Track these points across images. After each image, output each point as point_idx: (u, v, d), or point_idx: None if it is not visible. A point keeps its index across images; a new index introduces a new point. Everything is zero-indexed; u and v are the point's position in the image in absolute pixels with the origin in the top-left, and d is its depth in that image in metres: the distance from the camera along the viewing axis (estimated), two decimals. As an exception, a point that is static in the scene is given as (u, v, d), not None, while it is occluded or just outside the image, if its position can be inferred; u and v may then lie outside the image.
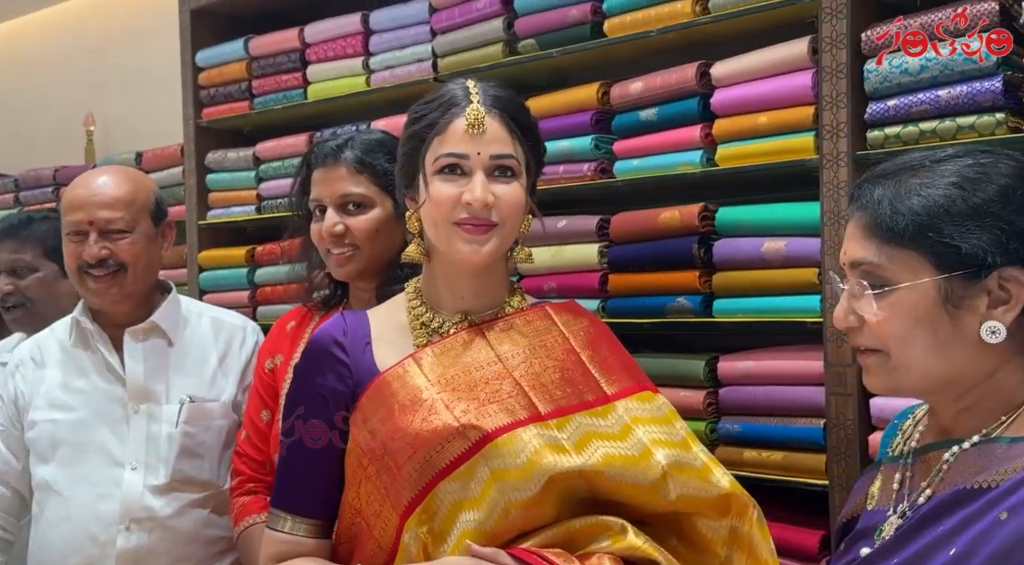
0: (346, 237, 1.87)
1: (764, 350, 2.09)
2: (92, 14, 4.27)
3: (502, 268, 1.56)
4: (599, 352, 1.52)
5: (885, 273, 1.16)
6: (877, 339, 1.18)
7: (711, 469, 1.43)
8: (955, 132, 1.79)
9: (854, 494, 1.36)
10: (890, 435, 1.37)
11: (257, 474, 1.98)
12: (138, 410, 2.07)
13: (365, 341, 1.55)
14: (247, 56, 2.98)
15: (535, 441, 1.38)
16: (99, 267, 2.02)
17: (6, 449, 2.11)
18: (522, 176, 1.49)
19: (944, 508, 1.13)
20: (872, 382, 1.23)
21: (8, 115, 4.72)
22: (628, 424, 1.43)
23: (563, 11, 2.31)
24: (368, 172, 1.88)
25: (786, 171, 2.03)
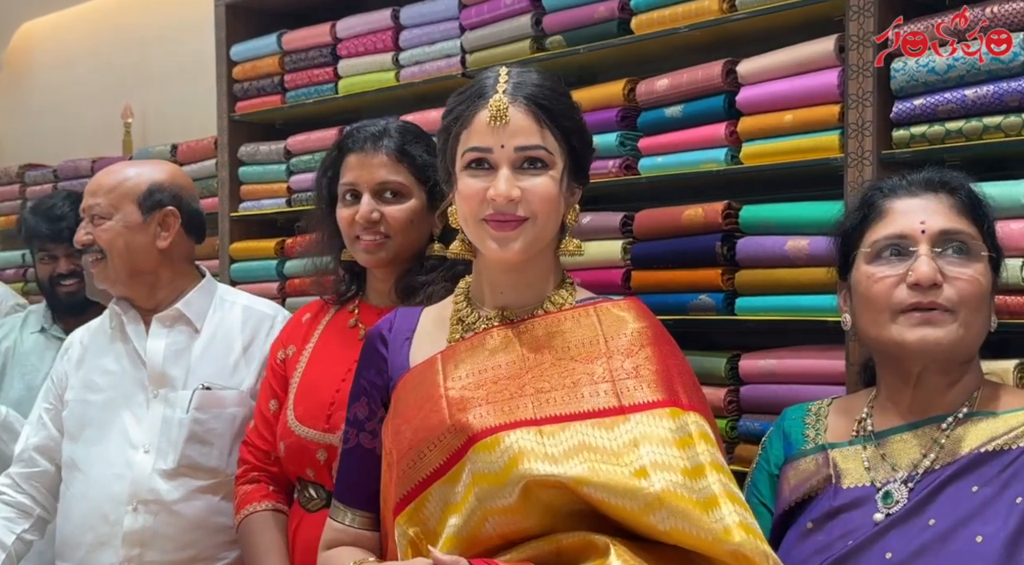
0: (380, 224, 1.87)
1: (786, 349, 2.08)
2: (130, 9, 4.31)
3: (546, 262, 1.50)
4: (636, 359, 1.40)
5: (975, 248, 1.38)
6: (958, 297, 1.34)
7: (718, 503, 1.26)
8: (981, 132, 1.78)
9: (790, 481, 1.48)
10: (797, 429, 1.53)
11: (262, 463, 1.99)
12: (157, 394, 2.11)
13: (406, 336, 1.57)
14: (280, 51, 3.00)
15: (517, 445, 1.31)
16: (88, 253, 2.12)
17: (54, 427, 2.19)
18: (555, 166, 1.43)
19: (967, 469, 1.33)
20: (941, 337, 1.34)
21: (48, 107, 4.77)
22: (634, 440, 1.31)
23: (591, 8, 2.31)
24: (408, 162, 1.89)
25: (811, 169, 2.02)
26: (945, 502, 1.31)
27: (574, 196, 1.49)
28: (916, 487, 1.35)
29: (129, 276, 2.13)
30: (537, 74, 1.47)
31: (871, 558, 1.31)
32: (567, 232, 1.50)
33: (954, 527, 1.28)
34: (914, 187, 1.44)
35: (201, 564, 2.08)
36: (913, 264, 1.36)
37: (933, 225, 1.38)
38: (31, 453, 2.17)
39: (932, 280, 1.33)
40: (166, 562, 2.05)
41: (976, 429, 1.36)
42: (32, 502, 2.15)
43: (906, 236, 1.39)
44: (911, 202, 1.42)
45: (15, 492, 2.15)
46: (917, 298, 1.34)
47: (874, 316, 1.40)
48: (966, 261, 1.37)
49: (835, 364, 1.94)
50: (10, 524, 2.10)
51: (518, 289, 1.49)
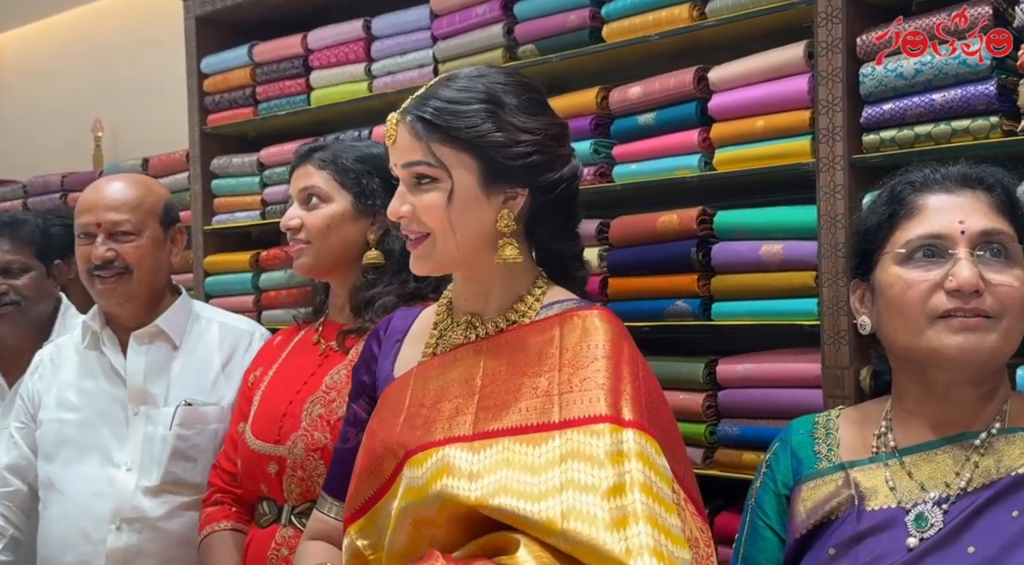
0: (301, 231, 1.91)
1: (762, 353, 2.09)
2: (100, 22, 4.29)
3: (495, 271, 1.44)
4: (586, 372, 1.32)
5: (1014, 248, 1.27)
6: (998, 304, 1.23)
7: (631, 523, 1.18)
8: (950, 135, 1.79)
9: (812, 505, 1.35)
10: (806, 446, 1.41)
11: (228, 486, 1.99)
12: (138, 412, 2.10)
13: (398, 338, 1.58)
14: (251, 62, 2.99)
15: (443, 462, 1.29)
16: (105, 269, 2.06)
17: (26, 446, 2.17)
18: (446, 180, 1.38)
19: (1006, 492, 1.22)
20: (983, 344, 1.23)
21: (17, 121, 4.74)
22: (559, 457, 1.24)
23: (562, 16, 2.32)
24: (330, 168, 1.93)
25: (783, 175, 2.03)
26: (984, 528, 1.21)
27: (513, 199, 1.40)
28: (951, 510, 1.24)
29: (148, 292, 2.13)
30: (454, 85, 1.42)
31: None
32: (505, 238, 1.40)
33: (997, 555, 1.18)
34: (949, 182, 1.31)
35: None
36: (953, 268, 1.24)
37: (973, 225, 1.26)
38: (2, 473, 2.15)
39: (975, 286, 1.22)
40: None
41: (1012, 447, 1.25)
42: (4, 522, 2.12)
43: (943, 237, 1.26)
44: (947, 199, 1.29)
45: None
46: (957, 304, 1.23)
47: (906, 322, 1.27)
48: (1007, 264, 1.25)
49: (811, 367, 1.95)
50: None
51: (477, 298, 1.47)
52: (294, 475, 1.85)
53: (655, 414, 1.32)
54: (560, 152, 1.44)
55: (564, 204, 1.47)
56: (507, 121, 1.38)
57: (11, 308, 2.29)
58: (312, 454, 1.83)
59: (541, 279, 1.48)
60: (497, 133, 1.38)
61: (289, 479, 1.85)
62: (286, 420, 1.88)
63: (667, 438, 1.31)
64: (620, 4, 2.23)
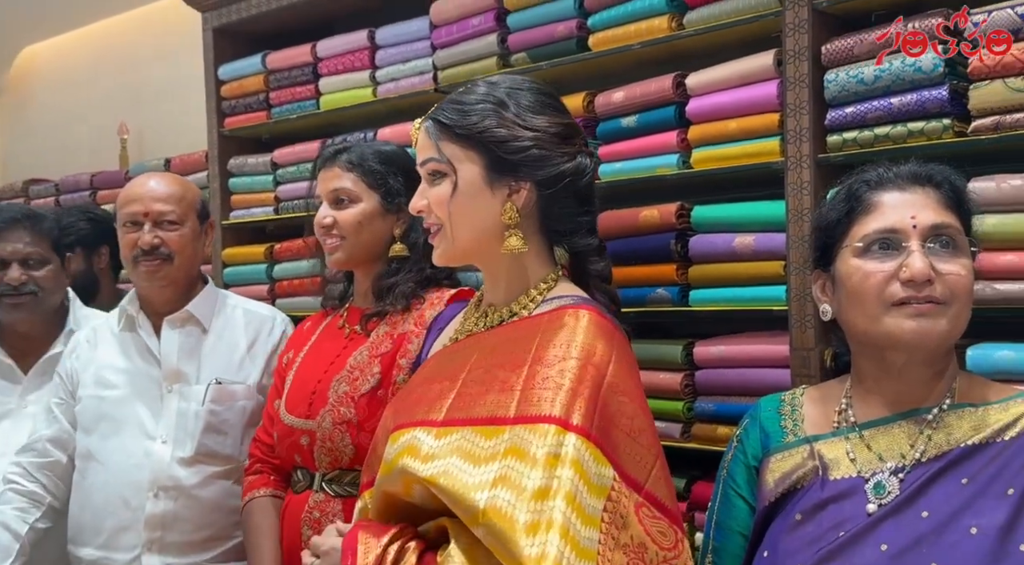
0: (334, 228, 1.92)
1: (736, 336, 2.10)
2: (125, 33, 4.28)
3: (505, 263, 1.44)
4: (552, 370, 1.27)
5: (961, 240, 1.29)
6: (949, 292, 1.26)
7: (546, 529, 1.13)
8: (906, 136, 1.79)
9: (780, 475, 1.37)
10: (774, 422, 1.43)
11: (266, 456, 2.02)
12: (171, 389, 2.11)
13: (442, 326, 1.61)
14: (264, 70, 2.98)
15: (411, 442, 1.29)
16: (150, 254, 2.07)
17: (65, 421, 2.17)
18: (452, 174, 1.39)
19: (956, 462, 1.25)
20: (935, 328, 1.26)
21: (49, 124, 4.73)
22: (505, 450, 1.21)
23: (551, 27, 2.31)
24: (357, 171, 1.93)
25: (754, 172, 2.03)
26: (937, 495, 1.24)
27: (517, 192, 1.39)
28: (907, 479, 1.27)
29: (185, 278, 2.15)
30: (467, 91, 1.44)
31: (866, 549, 1.23)
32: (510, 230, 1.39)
33: (948, 519, 1.21)
34: (901, 180, 1.33)
35: (217, 542, 2.09)
36: (907, 260, 1.26)
37: (924, 220, 1.28)
38: (44, 444, 2.14)
39: (926, 276, 1.24)
40: (185, 542, 2.05)
41: (961, 422, 1.28)
42: (43, 491, 2.12)
43: (897, 231, 1.29)
44: (900, 196, 1.31)
45: (27, 481, 2.11)
46: (911, 293, 1.25)
47: (865, 309, 1.29)
48: (955, 255, 1.28)
49: (780, 349, 1.95)
50: (23, 514, 2.07)
51: (494, 289, 1.48)
52: (323, 446, 1.87)
53: (610, 421, 1.25)
54: (563, 149, 1.42)
55: (573, 199, 1.44)
56: (510, 119, 1.39)
57: (29, 298, 2.27)
58: (339, 427, 1.85)
59: (553, 275, 1.46)
60: (499, 129, 1.38)
61: (319, 450, 1.88)
62: (315, 397, 1.91)
63: (621, 446, 1.25)
64: (605, 15, 2.22)
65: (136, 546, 2.04)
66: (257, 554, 1.92)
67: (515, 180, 1.39)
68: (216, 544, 2.09)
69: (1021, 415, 1.25)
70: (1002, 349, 1.66)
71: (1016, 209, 1.66)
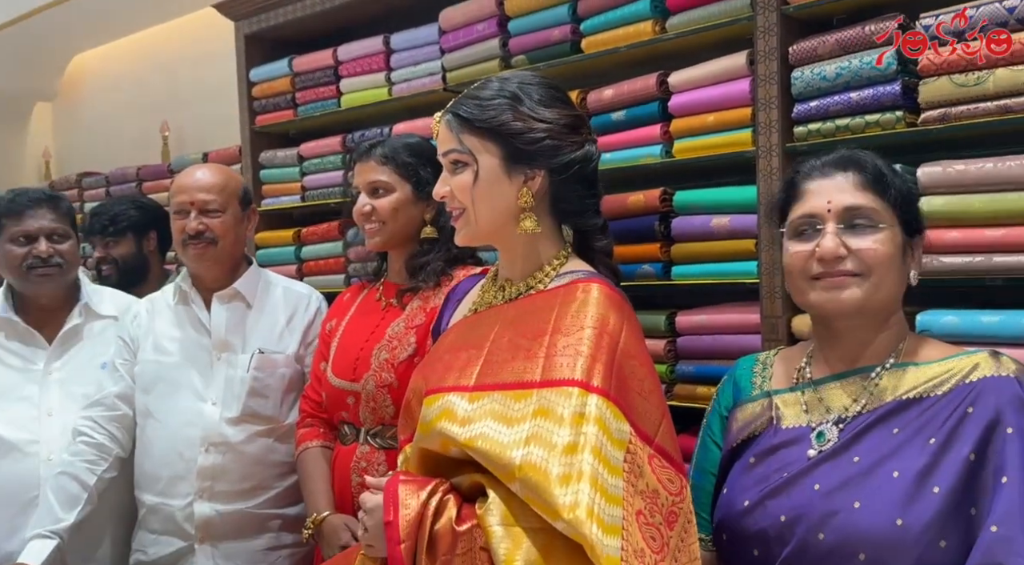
0: (373, 215, 1.95)
1: (713, 306, 2.12)
2: (166, 41, 4.28)
3: (522, 242, 1.42)
4: (571, 339, 1.27)
5: (878, 217, 1.29)
6: (864, 264, 1.28)
7: (577, 480, 1.14)
8: (864, 127, 1.81)
9: (738, 422, 1.41)
10: (747, 377, 1.47)
11: (315, 411, 2.07)
12: (220, 357, 2.13)
13: (460, 297, 1.59)
14: (291, 73, 2.99)
15: (445, 406, 1.28)
16: (197, 239, 2.09)
17: (129, 378, 2.18)
18: (474, 163, 1.37)
19: (891, 414, 1.26)
20: (849, 297, 1.28)
21: (99, 123, 4.74)
22: (534, 411, 1.21)
23: (548, 32, 2.33)
24: (391, 164, 1.95)
25: (729, 161, 2.04)
26: (870, 442, 1.26)
27: (532, 179, 1.38)
28: (846, 428, 1.29)
29: (229, 259, 2.16)
30: (482, 86, 1.41)
31: (802, 488, 1.26)
32: (525, 213, 1.38)
33: (875, 464, 1.23)
34: (826, 167, 1.34)
35: (259, 491, 2.12)
36: (821, 240, 1.29)
37: (838, 203, 1.29)
38: (113, 399, 2.15)
39: (834, 254, 1.27)
40: (232, 491, 2.09)
41: (900, 379, 1.29)
42: (111, 442, 2.12)
43: (815, 215, 1.31)
44: (822, 183, 1.33)
45: (97, 433, 2.12)
46: (825, 269, 1.28)
47: (795, 283, 1.34)
48: (869, 232, 1.28)
49: (752, 317, 1.97)
50: (92, 466, 2.08)
51: (510, 265, 1.45)
52: (367, 406, 1.92)
53: (624, 383, 1.25)
54: (572, 138, 1.41)
55: (581, 183, 1.43)
56: (524, 112, 1.37)
57: (55, 269, 2.23)
58: (380, 389, 1.90)
59: (564, 252, 1.44)
60: (515, 122, 1.37)
61: (364, 409, 1.93)
62: (359, 363, 1.95)
63: (635, 404, 1.25)
64: (595, 21, 2.23)
65: (189, 494, 2.08)
66: (313, 497, 1.98)
67: (530, 168, 1.38)
68: (258, 493, 2.12)
69: (954, 372, 1.26)
70: (948, 315, 1.68)
71: (960, 191, 1.68)
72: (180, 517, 2.09)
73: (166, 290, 2.27)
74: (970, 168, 1.68)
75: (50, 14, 4.10)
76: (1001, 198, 1.65)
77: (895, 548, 1.17)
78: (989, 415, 1.19)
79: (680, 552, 1.20)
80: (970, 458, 1.18)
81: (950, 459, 1.19)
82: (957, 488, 1.17)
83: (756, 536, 1.29)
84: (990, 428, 1.19)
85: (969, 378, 1.24)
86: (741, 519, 1.32)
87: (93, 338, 2.28)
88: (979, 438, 1.19)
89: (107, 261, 2.93)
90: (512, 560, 1.15)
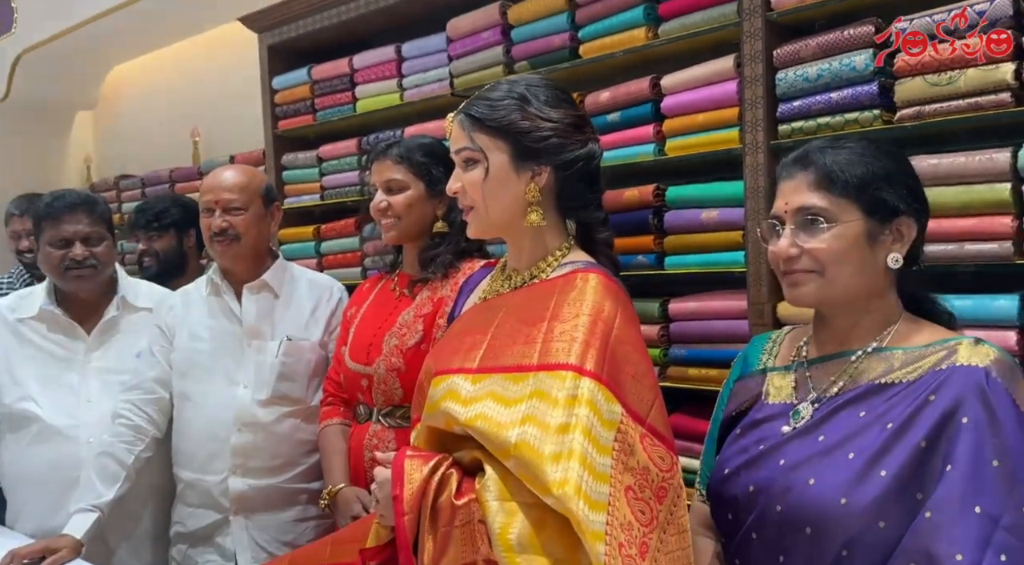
0: (389, 211, 1.94)
1: (703, 294, 2.11)
2: (196, 53, 4.28)
3: (529, 234, 1.41)
4: (567, 325, 1.26)
5: (827, 215, 1.23)
6: (817, 262, 1.24)
7: (567, 458, 1.13)
8: (843, 125, 1.79)
9: (737, 395, 1.41)
10: (756, 354, 1.43)
11: (336, 392, 2.09)
12: (251, 344, 2.14)
13: (472, 287, 1.59)
14: (310, 80, 2.99)
15: (451, 387, 1.28)
16: (222, 235, 2.10)
17: (165, 363, 2.18)
18: (484, 160, 1.37)
19: (861, 397, 1.22)
20: (803, 293, 1.26)
21: (135, 129, 4.75)
22: (530, 393, 1.20)
23: (548, 39, 2.32)
24: (406, 163, 1.95)
25: (718, 157, 2.03)
26: (837, 423, 1.22)
27: (539, 175, 1.37)
28: (820, 408, 1.26)
29: (253, 254, 2.16)
30: (492, 88, 1.41)
31: (771, 462, 1.25)
32: (532, 206, 1.38)
33: (837, 444, 1.20)
34: (790, 167, 1.30)
35: (288, 468, 2.13)
36: (779, 241, 1.27)
37: (792, 204, 1.26)
38: (150, 383, 2.16)
39: (785, 255, 1.25)
40: (263, 467, 2.10)
41: (879, 363, 1.24)
42: (148, 424, 2.13)
43: (776, 217, 1.29)
44: (786, 184, 1.29)
45: (135, 415, 2.13)
46: (785, 268, 1.27)
47: (778, 277, 1.32)
48: (818, 231, 1.23)
49: (739, 304, 1.97)
50: (130, 447, 2.09)
51: (517, 256, 1.45)
52: (379, 388, 1.93)
53: (618, 366, 1.24)
54: (577, 137, 1.40)
55: (584, 179, 1.43)
56: (532, 112, 1.37)
57: (90, 270, 2.23)
58: (390, 373, 1.91)
59: (567, 244, 1.44)
60: (523, 121, 1.37)
61: (376, 390, 1.94)
62: (372, 349, 1.96)
63: (628, 387, 1.24)
64: (593, 28, 2.22)
65: (224, 470, 2.09)
66: (330, 471, 2.01)
67: (536, 164, 1.37)
68: (287, 469, 2.13)
69: (928, 359, 1.20)
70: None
71: (934, 184, 1.66)
72: (216, 491, 2.10)
73: (199, 282, 2.28)
74: (943, 162, 1.66)
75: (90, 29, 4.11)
76: (971, 189, 1.63)
77: (836, 524, 1.14)
78: (948, 404, 1.14)
79: (669, 524, 1.20)
80: (921, 445, 1.13)
81: (902, 445, 1.14)
82: (904, 474, 1.13)
83: (730, 502, 1.30)
84: (947, 416, 1.13)
85: (941, 365, 1.18)
86: (721, 485, 1.32)
87: (130, 329, 2.29)
88: (933, 426, 1.14)
89: (149, 254, 2.94)
90: (506, 533, 1.14)
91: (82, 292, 2.27)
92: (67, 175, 4.99)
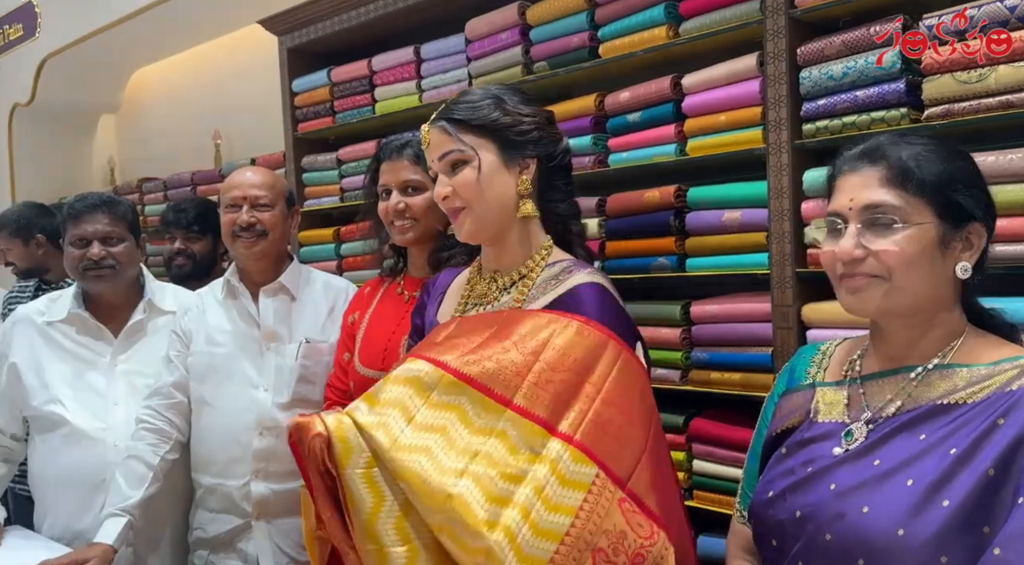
0: (407, 212, 1.90)
1: (726, 296, 2.07)
2: (216, 56, 4.30)
3: (515, 233, 1.44)
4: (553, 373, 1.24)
5: (901, 215, 1.12)
6: (884, 266, 1.12)
7: (508, 506, 1.12)
8: (869, 124, 1.75)
9: (783, 410, 1.30)
10: (803, 366, 1.33)
11: (339, 399, 2.02)
12: (269, 347, 2.11)
13: (442, 291, 1.58)
14: (329, 82, 2.98)
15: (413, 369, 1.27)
16: (248, 231, 2.08)
17: (183, 368, 2.17)
18: (474, 159, 1.39)
19: (920, 419, 1.12)
20: (865, 300, 1.14)
21: (157, 132, 4.78)
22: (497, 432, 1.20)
23: (567, 39, 2.29)
24: (422, 164, 1.90)
25: (741, 158, 2.00)
26: (894, 446, 1.12)
27: (527, 168, 1.42)
28: (876, 429, 1.15)
29: (276, 252, 2.15)
30: (467, 93, 1.44)
31: (820, 486, 1.15)
32: (522, 198, 1.40)
33: (894, 469, 1.09)
34: (854, 160, 1.18)
35: None
36: (841, 240, 1.15)
37: (858, 201, 1.14)
38: (169, 388, 2.15)
39: (851, 256, 1.13)
40: (284, 471, 2.07)
41: (942, 381, 1.13)
42: (170, 427, 2.12)
43: (839, 214, 1.17)
44: (849, 178, 1.17)
45: (157, 420, 2.12)
46: (846, 270, 1.14)
47: (832, 281, 1.20)
48: (890, 232, 1.12)
49: (763, 306, 1.93)
50: (155, 448, 2.08)
51: (499, 257, 1.47)
52: None
53: (601, 429, 1.22)
54: (553, 131, 1.48)
55: (563, 172, 1.50)
56: (510, 109, 1.43)
57: (109, 270, 2.21)
58: None
59: (548, 242, 1.48)
60: (505, 117, 1.42)
61: None
62: (387, 353, 1.91)
63: (608, 449, 1.21)
64: (613, 27, 2.19)
65: (246, 474, 2.07)
66: None
67: (523, 157, 1.42)
68: None
69: (993, 381, 1.09)
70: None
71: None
72: (238, 496, 2.08)
73: (214, 285, 2.26)
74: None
75: (112, 33, 4.13)
76: (1002, 190, 1.59)
77: (893, 557, 1.04)
78: (1019, 429, 1.03)
79: None
80: (989, 473, 1.03)
81: (967, 472, 1.04)
82: (969, 505, 1.02)
83: (774, 527, 1.20)
84: (1018, 443, 1.02)
85: (1010, 386, 1.07)
86: (765, 509, 1.23)
87: (156, 332, 2.28)
88: (1003, 453, 1.03)
89: (185, 254, 2.92)
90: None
91: (105, 293, 2.26)
92: (91, 178, 5.03)
